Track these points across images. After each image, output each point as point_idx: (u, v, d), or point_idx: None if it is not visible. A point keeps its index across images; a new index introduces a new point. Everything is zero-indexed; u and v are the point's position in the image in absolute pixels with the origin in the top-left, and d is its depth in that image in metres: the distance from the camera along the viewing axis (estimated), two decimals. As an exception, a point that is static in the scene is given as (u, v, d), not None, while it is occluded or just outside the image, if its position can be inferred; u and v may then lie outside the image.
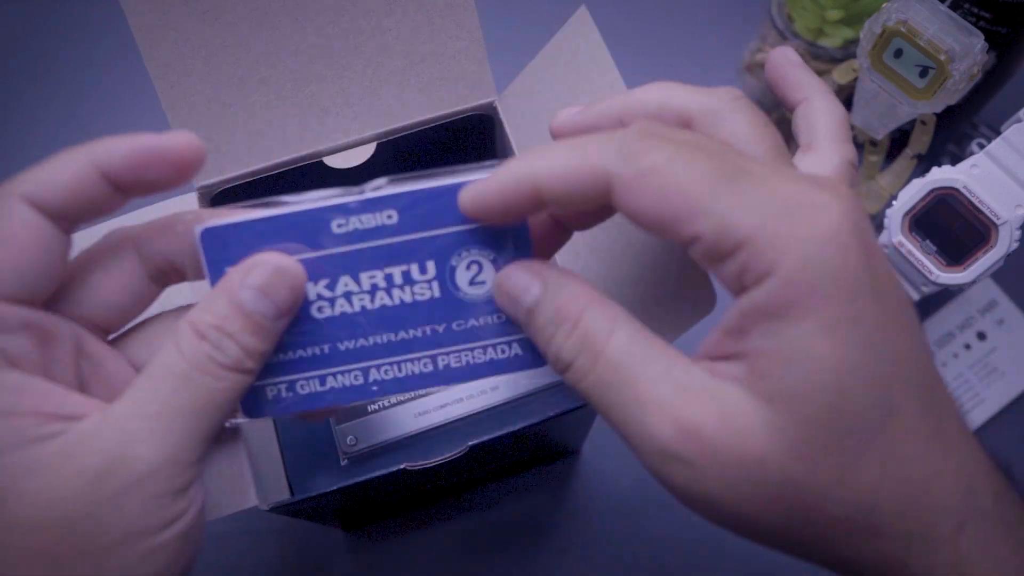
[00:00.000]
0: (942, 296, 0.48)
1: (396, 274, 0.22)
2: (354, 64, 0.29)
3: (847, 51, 0.47)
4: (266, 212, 0.22)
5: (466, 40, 0.30)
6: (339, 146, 0.30)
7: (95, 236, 0.23)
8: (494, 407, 0.34)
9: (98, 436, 0.20)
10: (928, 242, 0.37)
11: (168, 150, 0.21)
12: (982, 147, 0.38)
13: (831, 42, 0.47)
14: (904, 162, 0.47)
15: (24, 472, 0.19)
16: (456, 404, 0.34)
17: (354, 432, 0.33)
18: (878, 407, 0.18)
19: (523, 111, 0.31)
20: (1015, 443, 0.47)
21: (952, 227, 0.36)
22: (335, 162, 0.30)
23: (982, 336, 0.49)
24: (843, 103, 0.48)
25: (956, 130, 0.48)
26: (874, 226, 0.49)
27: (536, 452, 0.41)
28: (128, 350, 0.23)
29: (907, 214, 0.37)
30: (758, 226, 0.18)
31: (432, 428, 0.33)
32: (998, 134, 0.36)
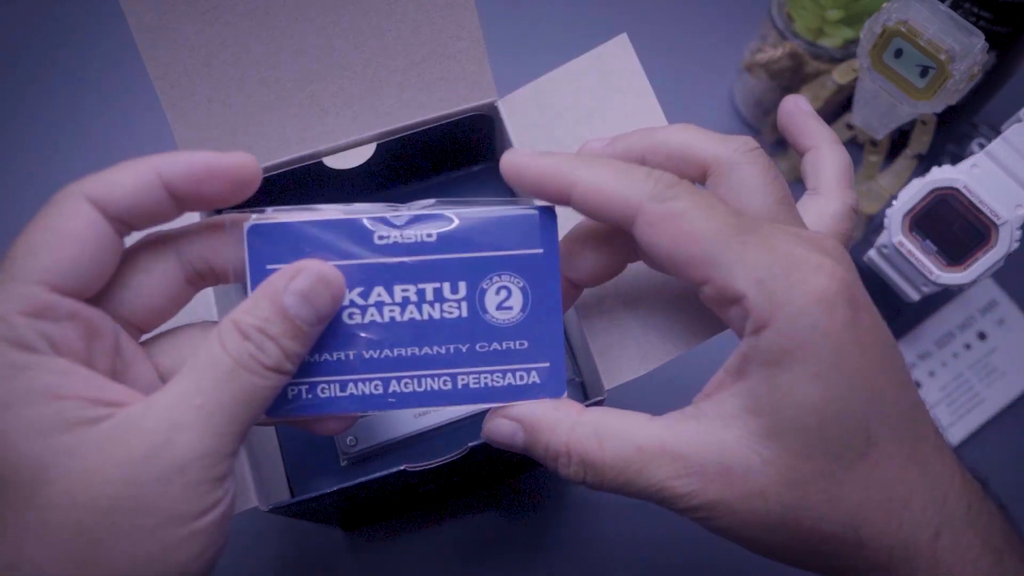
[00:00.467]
0: (942, 296, 0.48)
1: (428, 290, 0.23)
2: (354, 64, 0.29)
3: (847, 51, 0.47)
4: (312, 215, 0.23)
5: (466, 40, 0.30)
6: (339, 146, 0.30)
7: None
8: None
9: (143, 422, 0.20)
10: (928, 242, 0.37)
11: (226, 169, 0.22)
12: (982, 147, 0.38)
13: (831, 42, 0.47)
14: (904, 162, 0.47)
15: (68, 453, 0.19)
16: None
17: (354, 433, 0.33)
18: (858, 440, 0.21)
19: (531, 116, 0.31)
20: (1015, 443, 0.47)
21: (952, 227, 0.36)
22: (335, 162, 0.30)
23: (982, 336, 0.49)
24: (843, 103, 0.48)
25: (956, 130, 0.48)
26: (874, 226, 0.49)
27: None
28: (154, 355, 0.24)
29: (907, 214, 0.37)
30: (760, 281, 0.21)
31: (432, 429, 0.33)
32: (998, 134, 0.36)
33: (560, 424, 0.23)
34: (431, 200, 0.23)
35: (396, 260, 0.23)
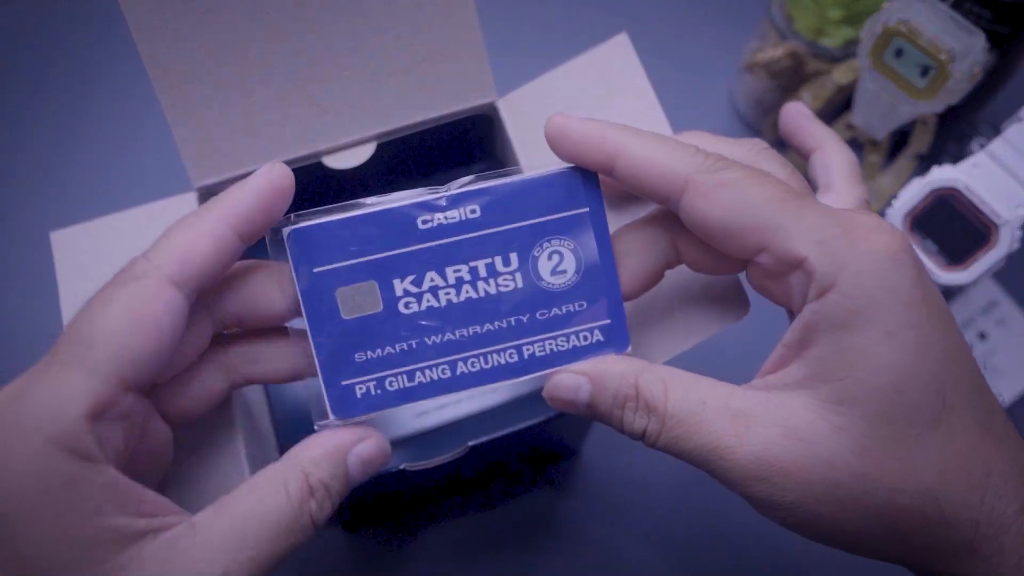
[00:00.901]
0: (943, 296, 0.48)
1: (480, 267, 0.23)
2: (354, 64, 0.29)
3: (847, 51, 0.47)
4: (351, 212, 0.23)
5: (466, 40, 0.30)
6: (339, 146, 0.30)
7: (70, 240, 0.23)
8: (494, 408, 0.34)
9: (191, 551, 0.20)
10: (929, 242, 0.37)
11: (281, 186, 0.22)
12: (983, 147, 0.38)
13: (831, 42, 0.47)
14: (905, 162, 0.47)
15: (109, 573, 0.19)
16: (455, 405, 0.34)
17: (354, 432, 0.33)
18: (933, 403, 0.20)
19: (531, 116, 0.31)
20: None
21: (953, 227, 0.36)
22: (334, 162, 0.30)
23: (983, 336, 0.49)
24: (843, 103, 0.48)
25: (957, 130, 0.48)
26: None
27: (535, 453, 0.41)
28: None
29: (908, 214, 0.37)
30: (821, 243, 0.20)
31: (431, 429, 0.33)
32: (999, 133, 0.36)
33: (628, 372, 0.22)
34: (470, 176, 0.23)
35: (443, 242, 0.23)
